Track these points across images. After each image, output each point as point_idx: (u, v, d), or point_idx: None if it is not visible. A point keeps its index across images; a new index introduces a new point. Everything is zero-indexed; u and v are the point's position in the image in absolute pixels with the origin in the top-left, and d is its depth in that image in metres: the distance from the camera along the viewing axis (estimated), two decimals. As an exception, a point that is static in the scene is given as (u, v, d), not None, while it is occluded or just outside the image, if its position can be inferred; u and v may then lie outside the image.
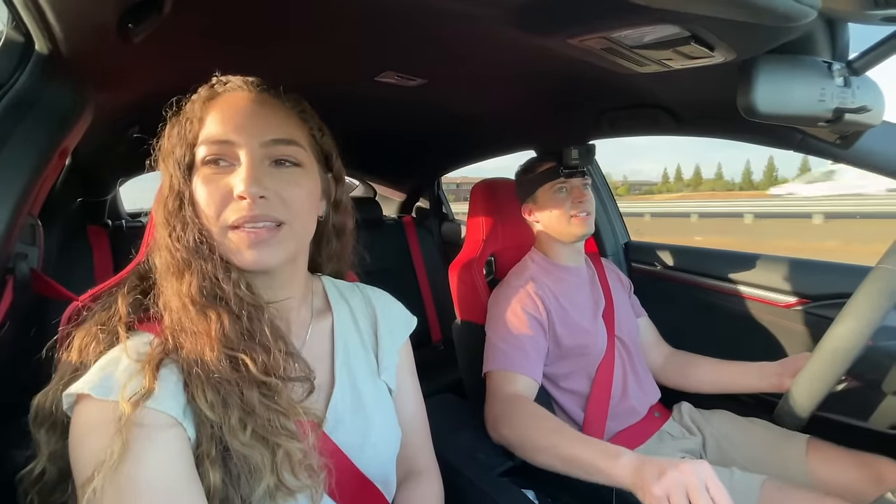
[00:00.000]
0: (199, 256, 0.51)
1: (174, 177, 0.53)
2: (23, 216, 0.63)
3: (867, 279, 0.75)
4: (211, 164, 0.52)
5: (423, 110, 1.33)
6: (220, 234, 0.52)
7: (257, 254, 0.51)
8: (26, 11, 0.56)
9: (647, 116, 1.13)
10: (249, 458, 0.45)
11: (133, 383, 0.43)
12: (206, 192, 0.51)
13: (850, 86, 0.59)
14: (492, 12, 0.67)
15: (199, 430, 0.46)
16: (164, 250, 0.52)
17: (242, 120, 0.53)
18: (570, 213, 1.11)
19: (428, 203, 2.41)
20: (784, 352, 1.04)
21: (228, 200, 0.51)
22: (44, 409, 0.47)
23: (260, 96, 0.56)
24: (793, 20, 0.41)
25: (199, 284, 0.50)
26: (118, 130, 1.17)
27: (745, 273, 1.30)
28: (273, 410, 0.48)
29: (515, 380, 0.98)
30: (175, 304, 0.50)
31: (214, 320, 0.48)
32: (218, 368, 0.46)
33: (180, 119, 0.55)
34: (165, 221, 0.52)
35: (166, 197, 0.53)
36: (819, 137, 0.84)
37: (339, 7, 0.70)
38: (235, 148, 0.52)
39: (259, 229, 0.51)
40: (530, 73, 0.98)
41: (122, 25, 0.60)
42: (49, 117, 0.64)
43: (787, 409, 0.80)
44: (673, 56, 0.68)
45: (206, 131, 0.53)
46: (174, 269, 0.51)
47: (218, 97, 0.55)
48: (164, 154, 0.55)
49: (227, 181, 0.51)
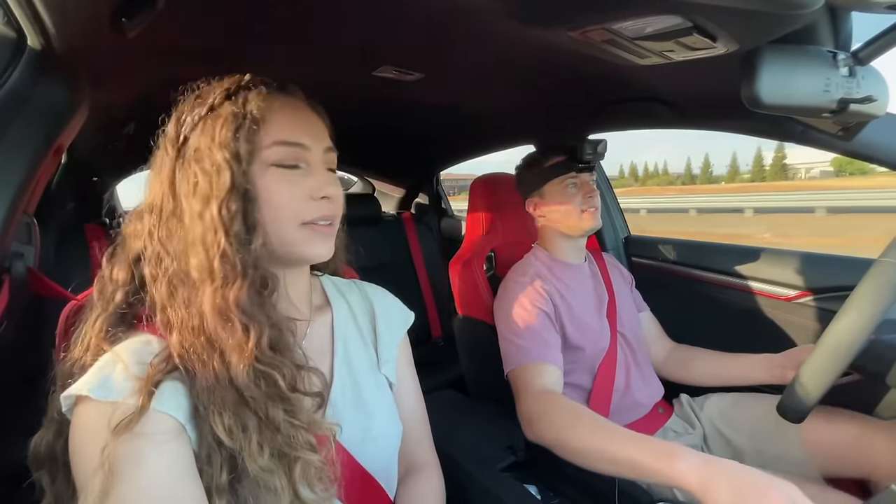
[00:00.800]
0: (260, 261, 0.50)
1: (238, 173, 0.49)
2: (18, 214, 0.63)
3: (869, 273, 0.75)
4: (287, 167, 0.53)
5: (421, 105, 1.32)
6: (295, 231, 0.53)
7: (327, 247, 0.56)
8: (18, 7, 0.55)
9: (647, 109, 1.12)
10: (269, 482, 0.44)
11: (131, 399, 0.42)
12: (288, 191, 0.52)
13: (855, 76, 0.58)
14: (491, 5, 0.66)
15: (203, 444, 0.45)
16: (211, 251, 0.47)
17: (309, 125, 0.56)
18: (580, 208, 1.10)
19: (427, 199, 2.41)
20: (785, 345, 1.03)
21: (307, 200, 0.53)
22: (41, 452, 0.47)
23: (304, 101, 0.58)
24: (799, 7, 0.40)
25: (250, 292, 0.48)
26: (114, 127, 1.16)
27: (746, 266, 1.29)
28: (297, 427, 0.47)
29: (542, 371, 0.96)
30: (210, 314, 0.46)
31: (255, 333, 0.46)
32: (246, 386, 0.45)
33: (235, 115, 0.51)
34: (220, 221, 0.48)
35: (226, 195, 0.48)
36: (821, 129, 0.83)
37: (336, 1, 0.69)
38: (307, 152, 0.54)
39: (329, 226, 0.56)
40: (530, 66, 0.97)
41: (115, 20, 0.59)
42: (43, 114, 0.63)
43: (790, 402, 0.79)
44: (674, 47, 0.67)
45: (278, 133, 0.52)
46: (222, 274, 0.47)
47: (274, 98, 0.54)
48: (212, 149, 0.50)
49: (308, 182, 0.54)
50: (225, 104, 0.52)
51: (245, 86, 0.54)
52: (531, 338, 1.00)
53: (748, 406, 1.06)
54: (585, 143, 1.09)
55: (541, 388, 0.93)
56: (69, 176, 1.33)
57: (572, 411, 0.84)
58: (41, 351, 0.57)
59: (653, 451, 0.68)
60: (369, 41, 0.86)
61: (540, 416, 0.87)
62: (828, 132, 0.83)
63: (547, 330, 1.02)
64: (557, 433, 0.83)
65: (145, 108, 1.05)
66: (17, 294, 0.65)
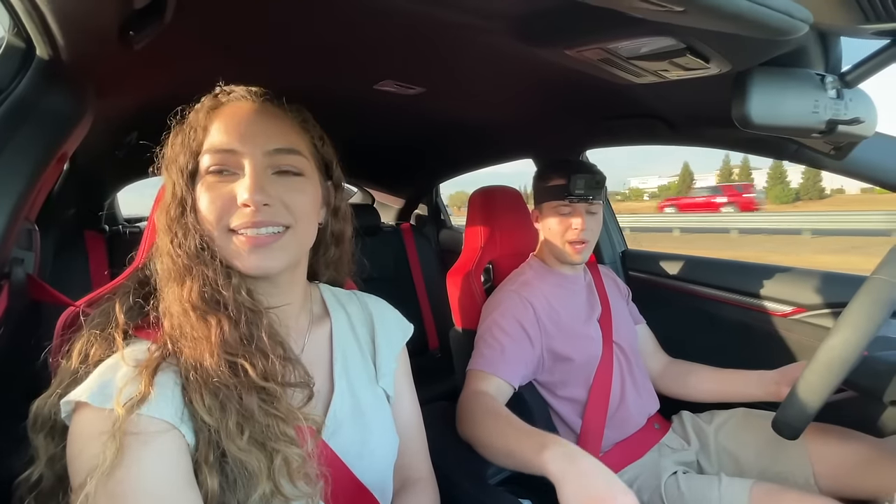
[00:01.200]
0: (200, 262, 0.51)
1: (177, 184, 0.53)
2: (20, 221, 0.63)
3: (861, 290, 0.75)
4: (215, 174, 0.53)
5: (421, 118, 1.34)
6: (222, 238, 0.52)
7: (259, 259, 0.52)
8: (28, 18, 0.56)
9: (643, 126, 1.14)
10: (246, 464, 0.45)
11: (129, 388, 0.43)
12: (208, 198, 0.52)
13: (842, 98, 0.60)
14: (490, 24, 0.67)
15: (198, 435, 0.45)
16: (166, 256, 0.52)
17: (246, 129, 0.54)
18: (566, 238, 1.11)
19: (426, 210, 2.42)
20: (780, 360, 1.04)
21: (231, 207, 0.52)
22: (42, 414, 0.47)
23: (263, 106, 0.56)
24: (785, 34, 0.42)
25: (199, 290, 0.50)
26: (117, 136, 1.17)
27: (742, 282, 1.30)
28: (272, 416, 0.48)
29: (488, 380, 0.98)
30: (176, 310, 0.50)
31: (214, 325, 0.48)
32: (217, 373, 0.46)
33: (184, 128, 0.55)
34: (167, 228, 0.53)
35: (169, 203, 0.53)
36: (813, 148, 0.85)
37: (339, 17, 0.71)
38: (239, 157, 0.53)
39: (262, 235, 0.52)
40: (528, 82, 0.99)
41: (123, 32, 0.60)
42: (49, 122, 0.65)
43: (785, 419, 0.80)
44: (669, 67, 0.69)
45: (210, 140, 0.54)
46: (175, 274, 0.51)
47: (222, 107, 0.56)
48: (168, 161, 0.55)
49: (231, 188, 0.52)
50: (184, 119, 0.56)
51: (209, 97, 0.57)
52: (495, 349, 1.02)
53: (754, 423, 1.06)
54: (578, 176, 1.07)
55: (476, 390, 0.95)
56: (71, 183, 1.34)
57: (487, 409, 0.86)
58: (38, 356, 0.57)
59: (529, 442, 0.69)
60: (371, 56, 0.87)
61: (464, 415, 0.90)
62: (820, 151, 0.84)
63: (513, 346, 1.02)
64: (472, 430, 0.85)
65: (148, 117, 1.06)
66: (16, 299, 0.66)
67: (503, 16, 0.66)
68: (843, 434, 0.93)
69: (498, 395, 0.96)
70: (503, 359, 1.00)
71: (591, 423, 1.04)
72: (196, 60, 0.85)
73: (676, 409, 1.20)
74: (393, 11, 0.67)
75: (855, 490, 0.89)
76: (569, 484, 0.59)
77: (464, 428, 0.88)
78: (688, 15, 0.41)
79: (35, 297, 0.69)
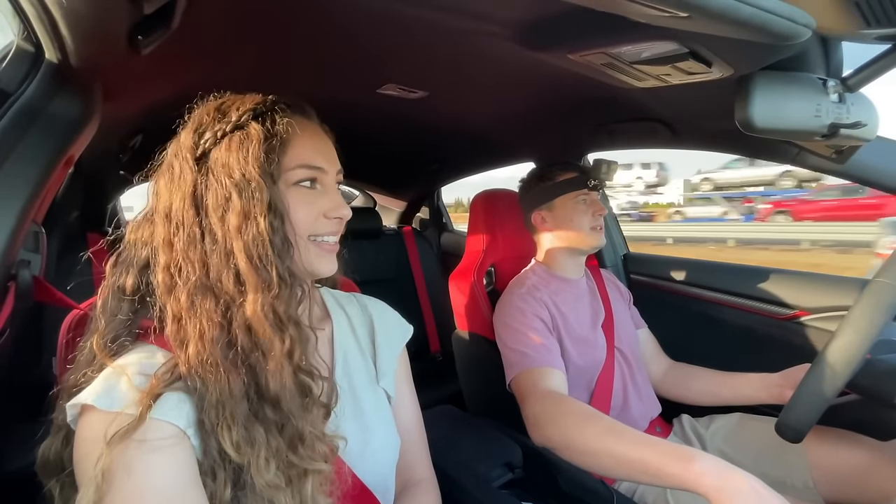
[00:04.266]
0: (294, 272, 0.53)
1: (273, 191, 0.52)
2: (27, 223, 0.64)
3: (864, 293, 0.76)
4: (305, 186, 0.56)
5: (423, 122, 1.35)
6: (304, 245, 0.55)
7: (333, 263, 0.60)
8: (39, 23, 0.57)
9: (645, 130, 1.14)
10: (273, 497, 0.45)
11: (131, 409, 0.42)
12: (305, 210, 0.55)
13: (844, 102, 0.60)
14: (492, 29, 0.68)
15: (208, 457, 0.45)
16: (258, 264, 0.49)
17: (326, 150, 0.60)
18: (589, 226, 1.13)
19: (428, 213, 2.42)
20: (783, 363, 1.04)
21: (319, 217, 0.57)
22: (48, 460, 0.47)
23: (318, 124, 0.62)
24: (788, 39, 0.42)
25: (290, 301, 0.51)
26: (121, 139, 1.18)
27: (744, 285, 1.30)
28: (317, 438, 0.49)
29: (546, 374, 0.95)
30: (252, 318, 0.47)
31: (298, 342, 0.49)
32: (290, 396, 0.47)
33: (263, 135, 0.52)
34: (266, 235, 0.49)
35: (267, 211, 0.50)
36: (815, 152, 0.85)
37: (343, 22, 0.72)
38: (324, 174, 0.58)
39: (334, 244, 0.60)
40: (531, 86, 0.99)
41: (131, 37, 0.61)
42: (56, 126, 0.65)
43: (788, 422, 0.79)
44: (671, 71, 0.69)
45: (300, 155, 0.56)
46: (266, 282, 0.48)
47: (297, 121, 0.56)
48: (242, 166, 0.51)
49: (321, 203, 0.57)
50: (252, 123, 0.53)
51: (270, 107, 0.56)
52: (532, 345, 1.00)
53: (754, 428, 1.05)
54: (602, 163, 1.13)
55: (547, 390, 0.91)
56: (75, 185, 1.34)
57: (581, 412, 0.82)
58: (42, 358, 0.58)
59: (667, 452, 0.65)
60: (374, 60, 0.88)
61: (548, 418, 0.85)
62: (822, 155, 0.85)
63: (546, 337, 1.02)
64: (566, 435, 0.80)
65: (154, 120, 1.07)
66: (23, 301, 0.66)
67: (507, 21, 0.67)
68: (841, 439, 0.93)
69: (562, 387, 0.94)
70: (547, 350, 0.99)
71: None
72: (202, 65, 0.85)
73: (678, 413, 1.20)
74: (396, 16, 0.67)
75: (854, 496, 0.89)
76: (738, 498, 0.56)
77: (550, 434, 0.83)
78: (692, 20, 0.42)
79: (40, 300, 0.69)
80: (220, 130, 0.53)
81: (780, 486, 0.94)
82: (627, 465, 0.69)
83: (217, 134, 0.53)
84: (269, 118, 0.54)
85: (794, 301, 1.19)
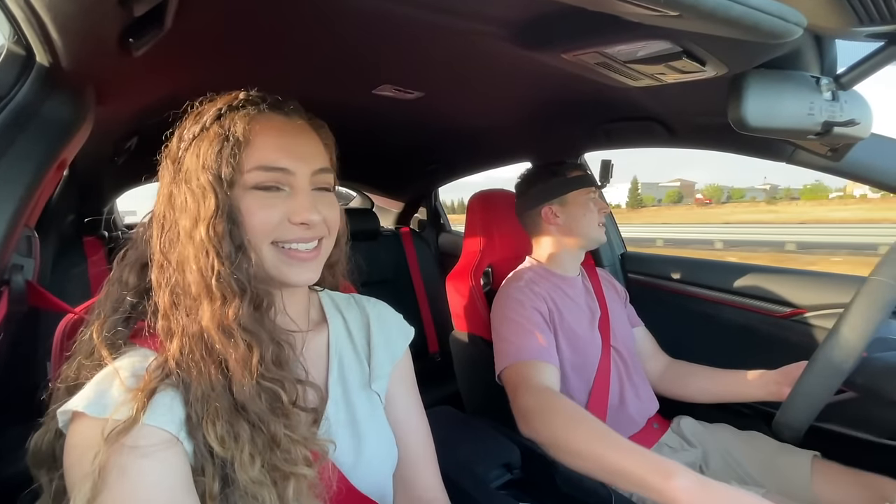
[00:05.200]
0: (256, 279, 0.50)
1: (222, 196, 0.50)
2: (20, 227, 0.63)
3: (860, 291, 0.76)
4: (263, 189, 0.52)
5: (420, 123, 1.35)
6: (267, 252, 0.52)
7: (303, 272, 0.54)
8: (28, 25, 0.56)
9: (642, 129, 1.15)
10: (258, 495, 0.44)
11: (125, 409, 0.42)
12: (261, 214, 0.52)
13: (838, 100, 0.60)
14: (487, 28, 0.68)
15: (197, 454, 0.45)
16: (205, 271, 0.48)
17: (295, 149, 0.54)
18: (597, 222, 1.16)
19: (425, 214, 2.42)
20: (780, 361, 1.04)
21: (282, 223, 0.52)
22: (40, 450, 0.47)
23: (297, 122, 0.57)
24: (779, 37, 0.42)
25: (250, 309, 0.48)
26: (116, 142, 1.17)
27: (741, 283, 1.30)
28: (294, 442, 0.48)
29: (541, 369, 0.94)
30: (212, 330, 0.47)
31: (256, 350, 0.47)
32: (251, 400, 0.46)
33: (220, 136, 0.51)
34: (210, 242, 0.48)
35: (211, 216, 0.49)
36: (810, 150, 0.85)
37: (337, 23, 0.72)
38: (290, 176, 0.53)
39: (309, 251, 0.54)
40: (526, 86, 0.99)
41: (123, 39, 0.61)
42: (49, 129, 0.65)
43: (785, 421, 0.80)
44: (665, 70, 0.69)
45: (260, 157, 0.52)
46: (220, 292, 0.48)
47: (259, 118, 0.54)
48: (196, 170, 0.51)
49: (284, 205, 0.53)
50: (213, 125, 0.52)
51: (235, 106, 0.54)
52: (528, 337, 0.99)
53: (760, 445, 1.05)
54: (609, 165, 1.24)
55: (541, 385, 0.91)
56: (70, 189, 1.34)
57: (572, 412, 0.82)
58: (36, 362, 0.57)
59: (650, 465, 0.67)
60: (369, 61, 0.88)
61: (538, 413, 0.85)
62: (817, 153, 0.85)
63: (544, 331, 1.01)
64: (555, 433, 0.81)
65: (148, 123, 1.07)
66: (16, 306, 0.66)
67: (500, 21, 0.67)
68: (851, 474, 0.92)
69: (555, 383, 0.94)
70: (539, 344, 0.98)
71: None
72: (195, 66, 0.85)
73: (676, 411, 1.20)
74: (390, 17, 0.67)
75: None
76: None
77: (539, 429, 0.84)
78: (683, 19, 0.42)
79: (34, 304, 0.69)
80: (191, 133, 0.53)
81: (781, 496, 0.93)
82: (611, 471, 0.71)
83: (188, 137, 0.53)
84: (229, 118, 0.52)
85: (792, 299, 1.19)
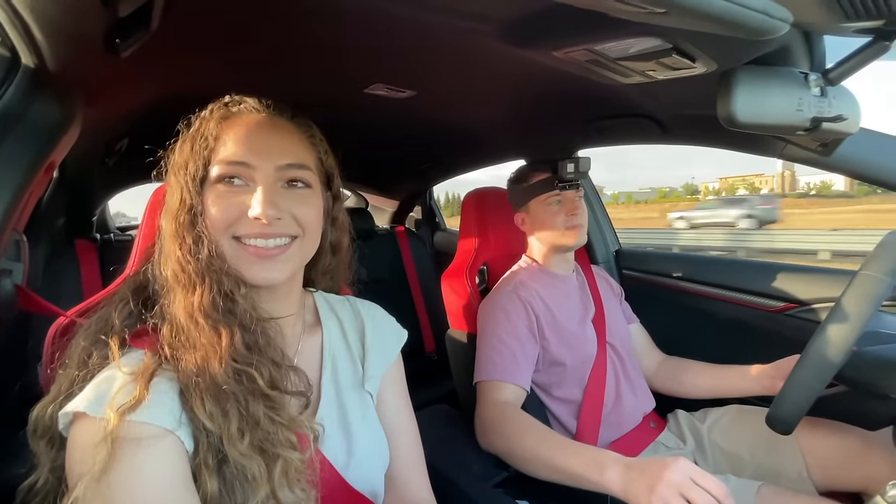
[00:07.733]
0: (213, 270, 0.51)
1: (186, 191, 0.53)
2: (7, 232, 0.63)
3: (850, 286, 0.76)
4: (225, 182, 0.54)
5: (413, 121, 1.34)
6: (229, 247, 0.53)
7: (265, 270, 0.54)
8: (11, 27, 0.56)
9: (634, 125, 1.15)
10: (246, 468, 0.45)
11: (122, 395, 0.43)
12: (219, 207, 0.53)
13: (826, 95, 0.60)
14: (478, 27, 0.68)
15: (197, 440, 0.46)
16: (174, 262, 0.51)
17: (259, 144, 0.55)
18: (564, 226, 1.12)
19: (420, 213, 2.42)
20: (773, 355, 1.04)
21: (241, 217, 0.53)
22: (42, 422, 0.47)
23: (273, 119, 0.58)
24: (765, 34, 0.42)
25: (212, 297, 0.50)
26: (106, 144, 1.16)
27: (735, 278, 1.31)
28: (277, 423, 0.48)
29: (503, 388, 0.99)
30: (182, 316, 0.49)
31: (226, 334, 0.49)
32: (225, 381, 0.47)
33: (194, 135, 0.55)
34: (176, 234, 0.52)
35: (177, 210, 0.53)
36: (801, 145, 0.86)
37: (328, 22, 0.71)
38: (251, 170, 0.54)
39: (270, 248, 0.54)
40: (518, 84, 0.99)
41: (108, 40, 0.60)
42: (35, 132, 0.64)
43: (778, 413, 0.80)
44: (656, 67, 0.69)
45: (223, 151, 0.54)
46: (185, 281, 0.50)
47: (233, 117, 0.56)
48: (176, 168, 0.55)
49: (242, 199, 0.53)
50: (194, 126, 0.56)
51: (218, 107, 0.57)
52: (504, 354, 1.02)
53: (747, 420, 1.06)
54: (567, 161, 1.11)
55: (500, 401, 0.97)
56: (60, 192, 1.33)
57: (521, 422, 0.89)
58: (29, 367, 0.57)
59: (588, 461, 0.75)
60: (361, 60, 0.88)
61: (492, 426, 0.92)
62: (808, 148, 0.85)
63: (521, 349, 1.03)
64: (507, 442, 0.88)
65: (138, 124, 1.06)
66: (5, 311, 0.65)
67: (490, 18, 0.66)
68: (832, 427, 0.95)
69: (517, 401, 0.99)
70: (515, 364, 1.01)
71: (587, 424, 1.04)
72: (184, 67, 0.84)
73: (672, 408, 1.20)
74: (382, 16, 0.67)
75: (846, 481, 0.91)
76: (638, 488, 0.67)
77: (494, 441, 0.92)
78: (669, 16, 0.42)
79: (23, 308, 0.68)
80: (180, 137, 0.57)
81: (776, 475, 0.95)
82: (557, 471, 0.79)
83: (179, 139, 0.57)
84: (206, 118, 0.56)
85: (785, 293, 1.20)
